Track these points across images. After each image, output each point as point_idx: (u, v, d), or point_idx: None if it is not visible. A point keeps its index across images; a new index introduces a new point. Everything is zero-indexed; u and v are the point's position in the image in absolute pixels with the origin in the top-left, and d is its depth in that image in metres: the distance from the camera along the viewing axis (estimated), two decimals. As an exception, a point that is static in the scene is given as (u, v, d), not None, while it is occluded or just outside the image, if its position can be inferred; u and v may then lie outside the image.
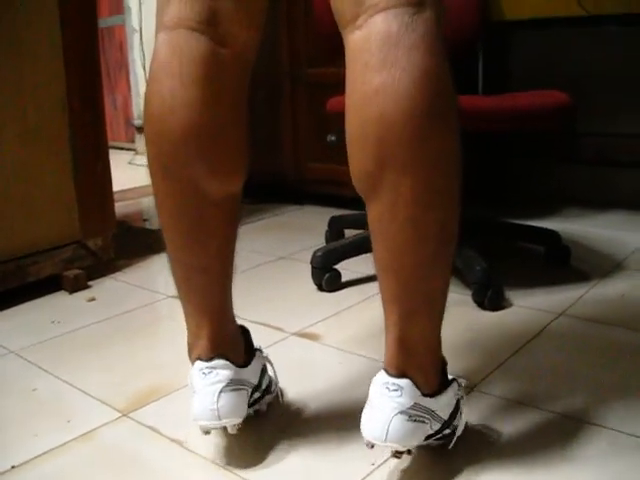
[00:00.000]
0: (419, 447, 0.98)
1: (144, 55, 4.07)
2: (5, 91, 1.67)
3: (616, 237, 2.10)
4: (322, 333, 1.49)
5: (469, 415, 1.10)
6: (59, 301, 1.79)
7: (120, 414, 1.20)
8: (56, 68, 1.77)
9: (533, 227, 1.99)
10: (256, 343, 1.13)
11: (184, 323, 1.05)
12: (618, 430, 1.07)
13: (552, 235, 1.88)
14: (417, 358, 0.94)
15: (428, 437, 0.95)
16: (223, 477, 1.00)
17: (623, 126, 2.43)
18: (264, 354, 1.14)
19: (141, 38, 4.07)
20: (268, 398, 1.15)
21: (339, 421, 1.13)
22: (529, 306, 1.59)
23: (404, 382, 0.92)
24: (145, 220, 2.67)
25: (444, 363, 1.00)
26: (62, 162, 1.82)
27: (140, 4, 4.00)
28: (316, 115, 2.49)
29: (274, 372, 1.16)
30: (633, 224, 2.24)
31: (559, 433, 1.07)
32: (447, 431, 0.99)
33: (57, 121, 1.79)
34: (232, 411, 1.00)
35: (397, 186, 0.85)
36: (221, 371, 0.99)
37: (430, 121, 0.84)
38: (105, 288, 1.87)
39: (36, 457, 1.07)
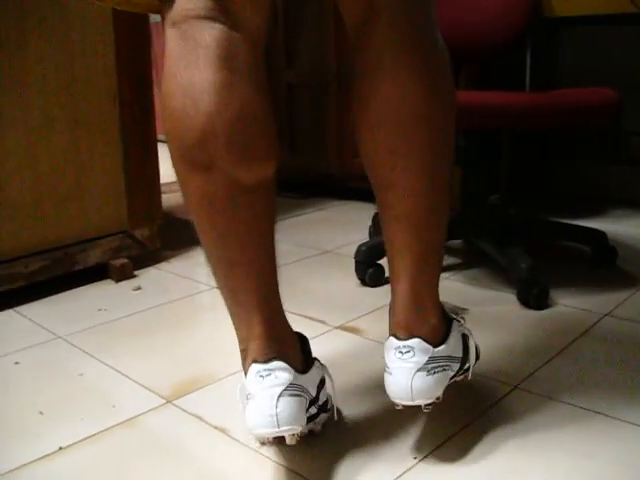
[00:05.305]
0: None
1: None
2: (57, 85, 1.70)
3: (665, 239, 2.07)
4: (364, 327, 1.50)
5: (511, 411, 1.10)
6: (105, 289, 1.82)
7: (164, 401, 1.22)
8: (108, 63, 1.80)
9: (579, 227, 1.97)
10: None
11: (227, 313, 1.02)
12: (664, 432, 1.05)
13: (599, 235, 1.85)
14: (425, 313, 0.99)
15: (451, 378, 1.03)
16: (265, 466, 1.01)
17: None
18: (323, 366, 1.05)
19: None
20: (323, 417, 1.06)
21: (382, 415, 1.13)
22: (574, 306, 1.57)
23: (414, 342, 0.96)
24: (190, 212, 2.69)
25: (442, 308, 1.05)
26: (112, 153, 1.85)
27: None
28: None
29: (333, 388, 1.06)
30: (682, 226, 2.20)
31: (606, 434, 1.06)
32: (466, 365, 1.08)
33: (108, 113, 1.83)
34: (292, 418, 0.90)
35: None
36: (280, 373, 0.91)
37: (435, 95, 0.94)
38: (150, 278, 1.90)
39: (82, 440, 1.10)
